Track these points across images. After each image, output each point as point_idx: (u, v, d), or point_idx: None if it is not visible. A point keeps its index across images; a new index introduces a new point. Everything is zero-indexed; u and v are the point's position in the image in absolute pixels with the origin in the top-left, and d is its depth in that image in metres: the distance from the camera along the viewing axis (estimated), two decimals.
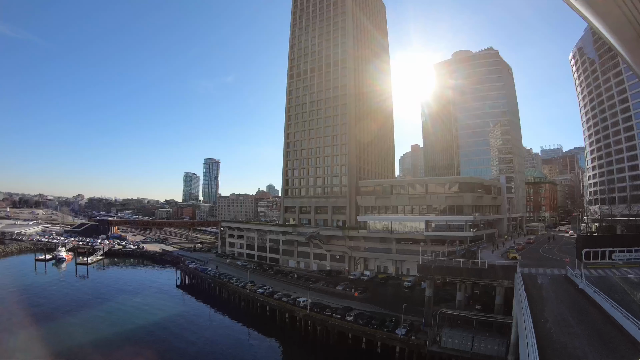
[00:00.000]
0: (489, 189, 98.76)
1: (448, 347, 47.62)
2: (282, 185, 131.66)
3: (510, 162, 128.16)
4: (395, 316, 60.07)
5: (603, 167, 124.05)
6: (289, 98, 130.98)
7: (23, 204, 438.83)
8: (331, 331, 58.96)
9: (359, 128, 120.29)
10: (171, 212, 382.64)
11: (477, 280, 52.47)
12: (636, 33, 5.34)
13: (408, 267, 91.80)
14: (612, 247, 46.08)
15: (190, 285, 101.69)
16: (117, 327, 65.94)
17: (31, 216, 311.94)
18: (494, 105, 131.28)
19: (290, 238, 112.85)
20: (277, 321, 68.79)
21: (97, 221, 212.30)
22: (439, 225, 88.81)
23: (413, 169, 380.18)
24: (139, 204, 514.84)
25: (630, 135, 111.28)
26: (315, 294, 74.97)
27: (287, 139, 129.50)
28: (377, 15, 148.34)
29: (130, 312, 75.65)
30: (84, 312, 74.41)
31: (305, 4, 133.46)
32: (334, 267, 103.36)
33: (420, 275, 59.53)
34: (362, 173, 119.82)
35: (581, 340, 23.68)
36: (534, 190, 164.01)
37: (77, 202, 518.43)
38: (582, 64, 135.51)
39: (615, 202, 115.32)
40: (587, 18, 5.62)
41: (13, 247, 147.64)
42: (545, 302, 33.91)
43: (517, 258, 57.84)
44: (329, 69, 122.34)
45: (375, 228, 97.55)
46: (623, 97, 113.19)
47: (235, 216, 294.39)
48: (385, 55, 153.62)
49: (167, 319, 72.25)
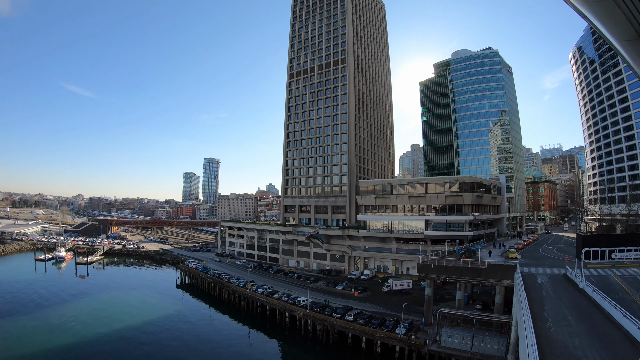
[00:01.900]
0: (488, 189, 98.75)
1: (448, 346, 47.66)
2: (282, 185, 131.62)
3: (510, 162, 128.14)
4: (395, 315, 60.16)
5: (603, 167, 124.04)
6: (289, 97, 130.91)
7: (23, 204, 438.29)
8: (331, 330, 58.99)
9: (359, 127, 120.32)
10: (171, 212, 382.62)
11: (477, 280, 52.51)
12: (636, 33, 5.35)
13: (408, 266, 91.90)
14: (612, 246, 46.05)
15: (190, 285, 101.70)
16: (116, 327, 65.91)
17: (31, 216, 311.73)
18: (494, 105, 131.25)
19: (290, 237, 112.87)
20: (277, 320, 68.86)
21: (97, 221, 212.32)
22: (439, 225, 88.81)
23: (413, 168, 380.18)
24: (138, 203, 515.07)
25: (630, 135, 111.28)
26: (315, 294, 75.08)
27: (287, 139, 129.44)
28: (377, 15, 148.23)
29: (130, 311, 75.69)
30: (84, 312, 74.40)
31: (305, 3, 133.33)
32: (333, 267, 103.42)
33: (420, 275, 59.45)
34: (362, 172, 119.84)
35: (581, 339, 23.69)
36: (533, 190, 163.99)
37: (76, 201, 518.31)
38: (582, 64, 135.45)
39: (615, 201, 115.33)
40: (587, 18, 5.63)
41: (13, 247, 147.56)
42: (545, 302, 33.91)
43: (516, 257, 57.94)
44: (329, 69, 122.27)
45: (375, 227, 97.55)
46: (623, 97, 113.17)
47: (235, 216, 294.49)
48: (385, 54, 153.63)
49: (167, 318, 72.27)
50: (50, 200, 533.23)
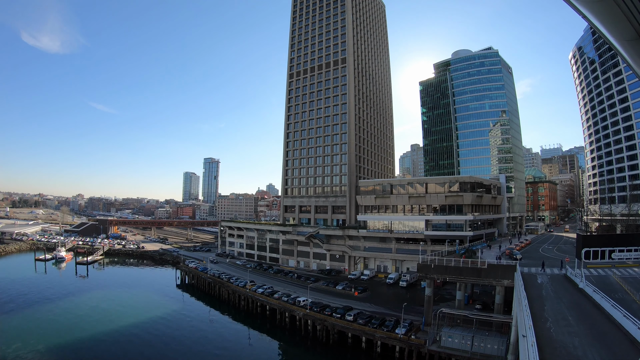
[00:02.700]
0: (488, 189, 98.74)
1: (448, 346, 47.65)
2: (282, 185, 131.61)
3: (509, 162, 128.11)
4: (395, 315, 60.17)
5: (603, 167, 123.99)
6: (289, 97, 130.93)
7: (23, 204, 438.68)
8: (331, 330, 58.98)
9: (359, 127, 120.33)
10: (171, 212, 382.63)
11: (477, 280, 52.50)
12: (636, 33, 5.35)
13: (408, 266, 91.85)
14: (612, 246, 46.01)
15: (190, 285, 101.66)
16: (116, 327, 65.92)
17: (31, 216, 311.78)
18: (493, 105, 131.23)
19: (290, 237, 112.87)
20: (277, 320, 68.86)
21: (97, 221, 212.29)
22: (439, 225, 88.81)
23: (413, 168, 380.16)
24: (138, 203, 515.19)
25: (630, 135, 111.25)
26: (315, 294, 75.09)
27: (287, 138, 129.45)
28: (377, 15, 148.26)
29: (130, 311, 75.69)
30: (83, 312, 74.38)
31: (305, 3, 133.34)
32: (333, 267, 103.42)
33: (420, 275, 59.44)
34: (362, 172, 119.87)
35: (581, 339, 23.68)
36: (533, 190, 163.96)
37: (76, 201, 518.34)
38: (582, 64, 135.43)
39: (615, 201, 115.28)
40: (587, 18, 5.64)
41: (13, 247, 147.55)
42: (545, 302, 33.91)
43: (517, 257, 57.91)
44: (329, 69, 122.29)
45: (375, 227, 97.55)
46: (623, 97, 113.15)
47: (235, 216, 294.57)
48: (385, 54, 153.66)
49: (167, 318, 72.22)
50: (50, 200, 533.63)
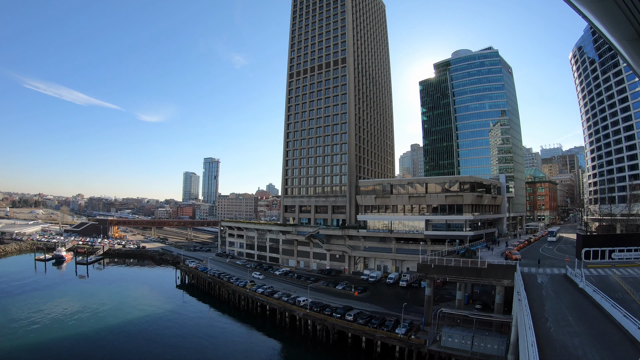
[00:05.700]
0: (488, 189, 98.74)
1: (448, 346, 47.68)
2: (282, 185, 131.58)
3: (509, 162, 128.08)
4: (395, 315, 60.19)
5: (603, 167, 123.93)
6: (289, 97, 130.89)
7: (23, 204, 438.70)
8: (331, 330, 59.00)
9: (359, 127, 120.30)
10: (171, 212, 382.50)
11: (477, 280, 52.52)
12: (636, 33, 5.36)
13: (408, 266, 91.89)
14: (612, 246, 46.04)
15: (190, 285, 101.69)
16: (116, 326, 65.97)
17: (31, 216, 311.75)
18: (493, 105, 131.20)
19: (290, 237, 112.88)
20: (277, 320, 68.89)
21: (97, 221, 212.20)
22: (439, 225, 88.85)
23: (413, 168, 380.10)
24: (138, 203, 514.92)
25: (630, 135, 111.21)
26: (315, 293, 75.10)
27: (287, 138, 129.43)
28: (377, 15, 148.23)
29: (130, 311, 75.74)
30: (83, 312, 74.39)
31: (305, 3, 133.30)
32: (333, 267, 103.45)
33: (420, 274, 59.45)
34: (362, 172, 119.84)
35: (581, 339, 23.70)
36: (533, 190, 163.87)
37: (76, 201, 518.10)
38: (582, 64, 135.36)
39: (615, 201, 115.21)
40: (587, 18, 5.64)
41: (13, 247, 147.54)
42: (545, 301, 33.92)
43: (517, 257, 57.86)
44: (329, 69, 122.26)
45: (375, 227, 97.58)
46: (623, 97, 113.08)
47: (235, 216, 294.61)
48: (385, 54, 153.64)
49: (167, 318, 72.25)
50: (50, 200, 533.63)
